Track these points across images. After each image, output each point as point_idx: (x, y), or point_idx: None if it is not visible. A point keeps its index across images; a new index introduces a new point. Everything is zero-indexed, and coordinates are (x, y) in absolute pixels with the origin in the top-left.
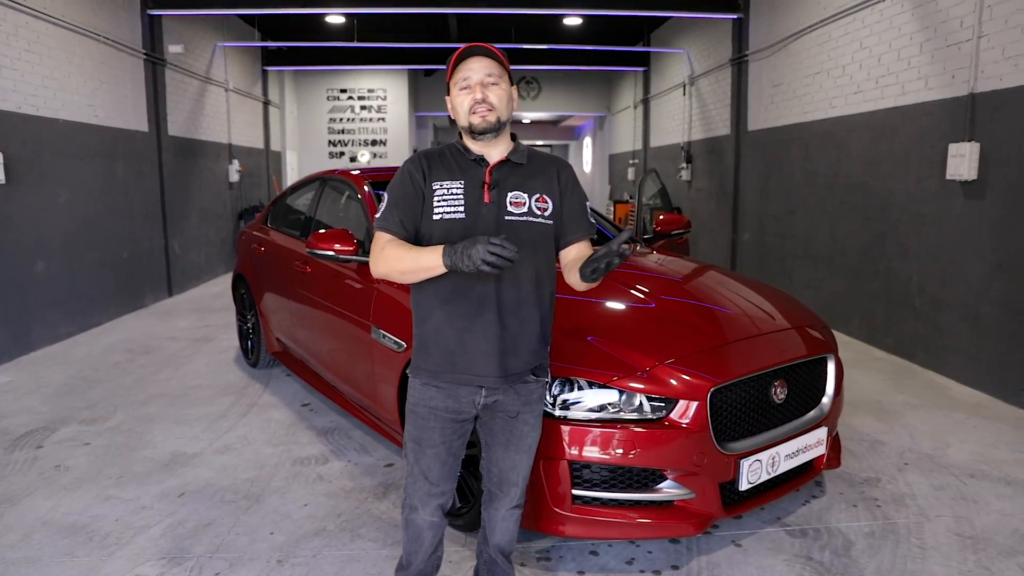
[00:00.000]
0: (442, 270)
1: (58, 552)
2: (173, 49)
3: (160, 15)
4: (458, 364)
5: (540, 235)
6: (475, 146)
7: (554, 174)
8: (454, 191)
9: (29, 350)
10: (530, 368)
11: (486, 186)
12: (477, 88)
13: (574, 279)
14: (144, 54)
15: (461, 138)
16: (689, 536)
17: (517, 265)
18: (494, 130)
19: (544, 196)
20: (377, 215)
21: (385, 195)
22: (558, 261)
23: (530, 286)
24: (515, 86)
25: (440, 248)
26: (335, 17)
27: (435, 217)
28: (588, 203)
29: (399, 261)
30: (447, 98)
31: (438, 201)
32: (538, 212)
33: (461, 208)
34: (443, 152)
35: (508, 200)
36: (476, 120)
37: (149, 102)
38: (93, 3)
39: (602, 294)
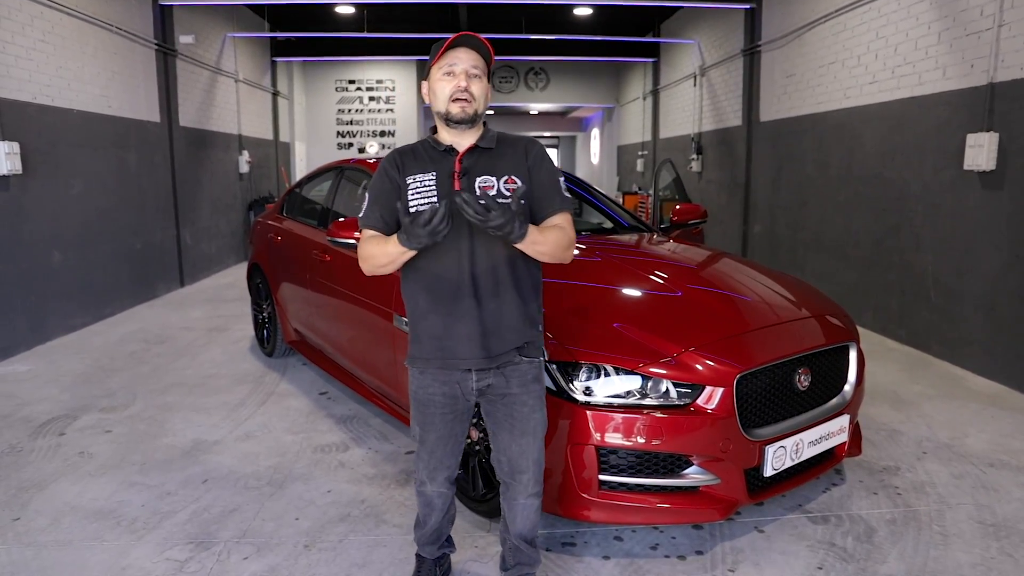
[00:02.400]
0: (408, 250)
1: (88, 536)
2: (184, 39)
3: (171, 5)
4: (445, 349)
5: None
6: (447, 135)
7: (522, 153)
8: (426, 183)
9: (46, 339)
10: (515, 348)
11: (456, 174)
12: (462, 76)
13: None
14: (156, 44)
15: (434, 132)
16: (714, 522)
17: (491, 247)
18: (470, 122)
19: (512, 177)
20: (360, 214)
21: (366, 194)
22: None
23: (505, 268)
24: (489, 84)
25: (394, 238)
26: (344, 8)
27: (411, 210)
28: (562, 178)
29: (374, 257)
30: (423, 82)
31: (412, 194)
32: (507, 194)
33: (435, 198)
34: (415, 148)
35: (477, 185)
36: (455, 109)
37: (161, 92)
38: None
39: (625, 281)
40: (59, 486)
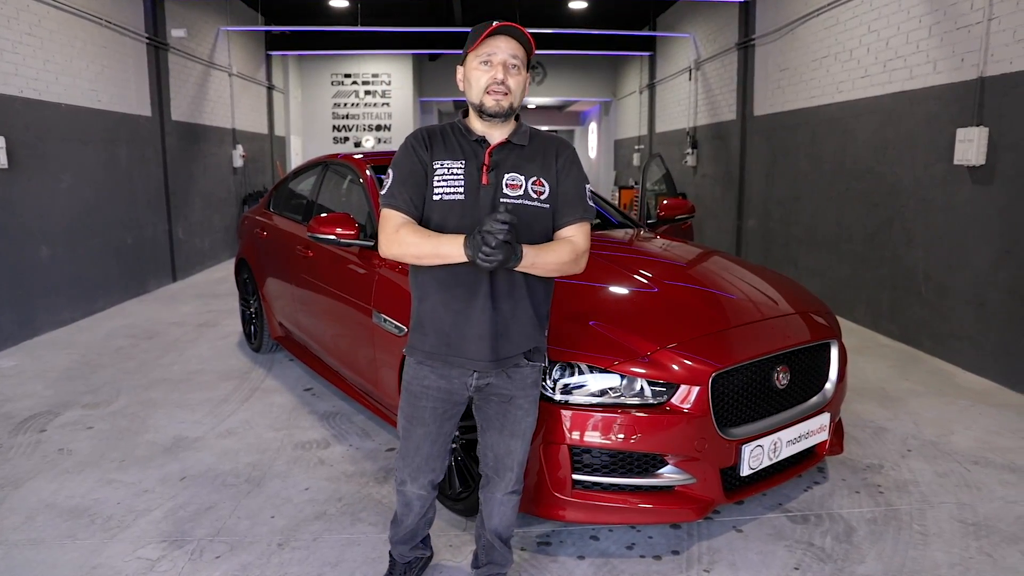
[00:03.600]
0: (463, 259)
1: (60, 535)
2: (176, 33)
3: None
4: (452, 346)
5: (535, 218)
6: (479, 126)
7: (552, 155)
8: (455, 171)
9: (33, 335)
10: (523, 352)
11: (485, 167)
12: (499, 68)
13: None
14: (147, 38)
15: (465, 116)
16: (690, 521)
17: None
18: (504, 115)
19: (541, 179)
20: (383, 192)
21: (390, 171)
22: None
23: (522, 271)
24: (529, 72)
25: (461, 238)
26: (339, 1)
27: (435, 197)
28: (589, 186)
29: (416, 247)
30: (459, 67)
31: (438, 181)
32: (534, 196)
33: (461, 189)
34: (445, 130)
35: (504, 182)
36: (490, 102)
37: (152, 87)
38: None
39: (604, 278)
40: (36, 483)
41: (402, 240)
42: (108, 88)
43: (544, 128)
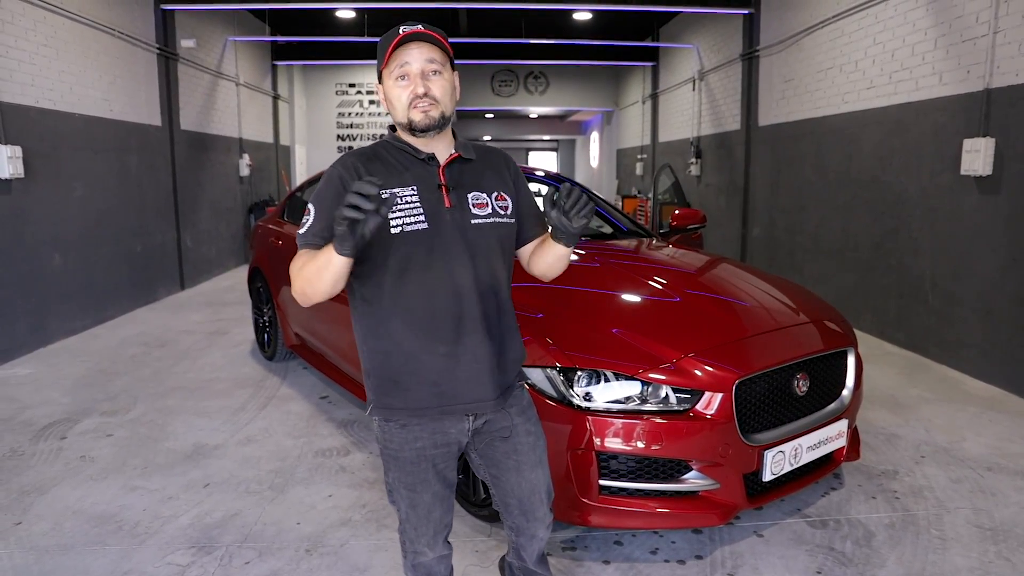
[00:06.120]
0: (343, 259)
1: (89, 541)
2: (185, 43)
3: (173, 9)
4: (445, 395)
5: (506, 236)
6: (417, 142)
7: (503, 167)
8: (408, 198)
9: (47, 343)
10: (515, 376)
11: (444, 188)
12: (417, 79)
13: (541, 269)
14: (157, 48)
15: (393, 130)
16: (713, 526)
17: (493, 271)
18: (437, 127)
19: (503, 194)
20: (300, 231)
21: (310, 206)
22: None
23: (506, 293)
24: (455, 72)
25: (326, 251)
26: (345, 12)
27: (393, 230)
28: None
29: (307, 281)
30: (378, 86)
31: (393, 212)
32: (502, 212)
33: (422, 216)
34: (379, 153)
35: (471, 203)
36: (418, 116)
37: (162, 96)
38: None
39: (624, 287)
40: (60, 490)
41: (303, 278)
42: (120, 98)
43: (546, 138)
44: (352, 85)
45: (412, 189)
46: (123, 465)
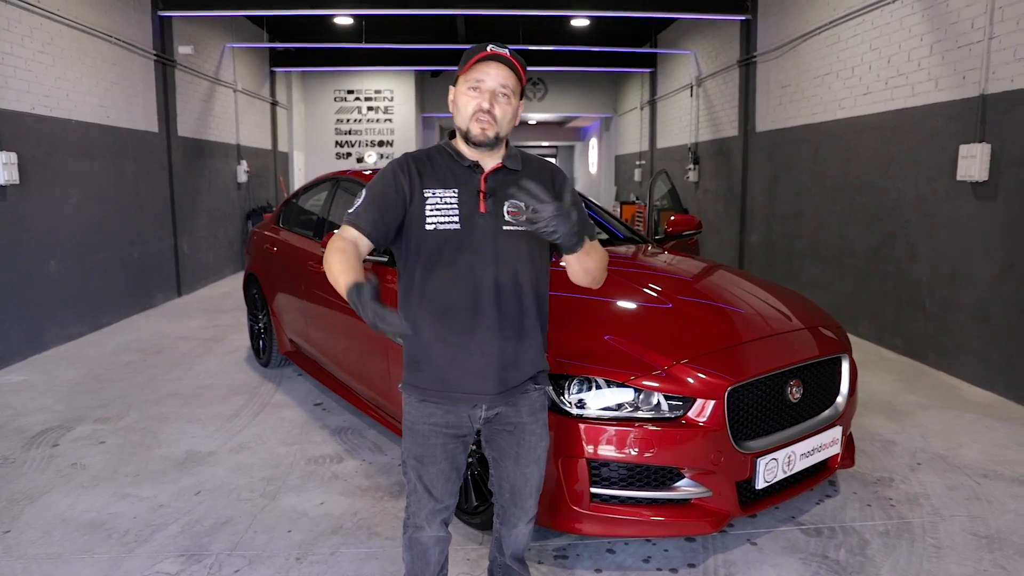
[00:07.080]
0: (344, 291)
1: (78, 549)
2: (183, 50)
3: (170, 16)
4: (448, 382)
5: (538, 245)
6: (468, 151)
7: (548, 181)
8: (447, 200)
9: (42, 349)
10: (530, 377)
11: (482, 195)
12: (487, 95)
13: (575, 278)
14: (154, 55)
15: (452, 137)
16: (706, 534)
17: (516, 276)
18: (490, 145)
19: None
20: (350, 209)
21: (364, 192)
22: (556, 264)
23: (531, 297)
24: (522, 100)
25: (353, 277)
26: (343, 18)
27: (427, 227)
28: (581, 204)
29: (328, 263)
30: (451, 88)
31: (430, 210)
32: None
33: (456, 218)
34: (432, 156)
35: (505, 210)
36: (475, 129)
37: (159, 103)
38: (105, 4)
39: (617, 293)
40: (51, 498)
41: (328, 253)
42: (117, 104)
43: (545, 144)
44: (350, 91)
45: (454, 192)
46: (115, 473)
